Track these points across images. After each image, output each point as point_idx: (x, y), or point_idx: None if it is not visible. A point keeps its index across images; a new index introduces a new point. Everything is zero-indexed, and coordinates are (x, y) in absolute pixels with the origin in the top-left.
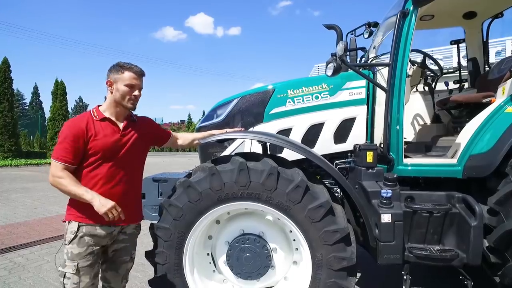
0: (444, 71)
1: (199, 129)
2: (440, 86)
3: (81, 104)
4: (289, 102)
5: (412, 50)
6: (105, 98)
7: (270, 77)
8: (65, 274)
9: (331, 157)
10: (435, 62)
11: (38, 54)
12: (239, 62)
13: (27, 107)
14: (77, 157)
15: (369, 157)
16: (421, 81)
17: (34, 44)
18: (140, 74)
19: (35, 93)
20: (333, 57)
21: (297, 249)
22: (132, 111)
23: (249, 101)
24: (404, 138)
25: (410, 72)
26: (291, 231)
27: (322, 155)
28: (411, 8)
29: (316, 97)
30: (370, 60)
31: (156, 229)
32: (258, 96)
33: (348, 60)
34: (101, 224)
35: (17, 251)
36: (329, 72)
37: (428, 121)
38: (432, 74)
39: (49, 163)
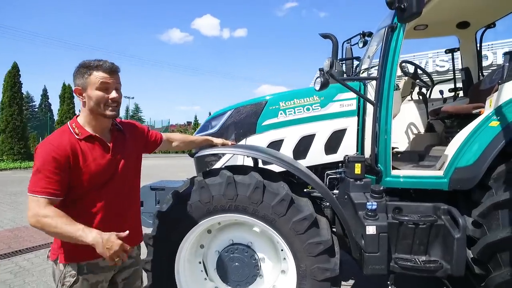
0: (438, 80)
1: None
2: (435, 94)
3: None
4: (281, 114)
5: (404, 62)
6: (79, 111)
7: (276, 79)
8: None
9: (323, 167)
10: (426, 73)
11: (47, 58)
12: (245, 63)
13: (36, 109)
14: (63, 187)
15: (357, 168)
16: (412, 92)
17: (43, 48)
18: (111, 70)
19: (44, 95)
20: (320, 72)
21: (284, 258)
22: (114, 119)
23: (243, 113)
24: (396, 148)
25: (401, 84)
26: (278, 242)
27: (313, 166)
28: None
29: (308, 109)
30: (362, 70)
31: (149, 238)
32: (251, 108)
33: (344, 69)
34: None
35: (22, 255)
36: (317, 87)
37: (422, 130)
38: (423, 85)
39: None
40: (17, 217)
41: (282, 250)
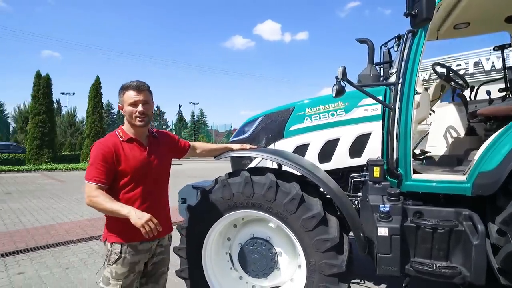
0: (488, 79)
1: (232, 143)
2: (482, 95)
3: (158, 112)
4: (307, 119)
5: (436, 64)
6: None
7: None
8: None
9: (349, 170)
10: (460, 76)
11: (123, 70)
12: (306, 66)
13: (115, 116)
14: (109, 177)
15: (376, 172)
16: (441, 95)
17: (119, 61)
18: (139, 88)
19: None
20: (336, 80)
21: (299, 254)
22: (148, 127)
23: (272, 119)
24: (429, 152)
25: (432, 87)
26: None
27: (338, 169)
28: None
29: (332, 114)
30: (391, 74)
31: (181, 228)
32: (279, 114)
33: (381, 73)
34: (141, 241)
35: (95, 240)
36: (333, 94)
37: (462, 134)
38: (458, 87)
39: None
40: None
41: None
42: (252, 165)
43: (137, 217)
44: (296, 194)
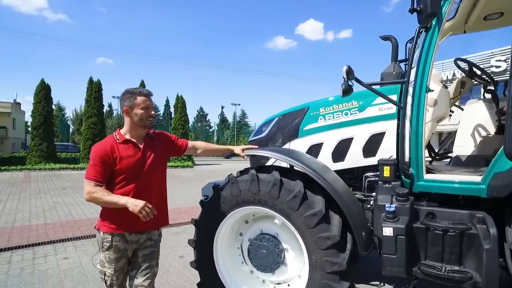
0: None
1: (250, 142)
2: None
3: (201, 113)
4: (321, 119)
5: (458, 59)
6: (124, 124)
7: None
8: (105, 273)
9: (364, 169)
10: (483, 71)
11: (167, 74)
12: (350, 64)
13: (161, 117)
14: (105, 176)
15: (386, 171)
16: (462, 92)
17: (163, 66)
18: (149, 95)
19: (167, 105)
20: (344, 79)
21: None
22: (149, 129)
23: (287, 119)
24: (450, 152)
25: (452, 85)
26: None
27: (352, 168)
28: (434, 22)
29: (346, 114)
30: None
31: (195, 222)
32: (294, 114)
33: (404, 70)
34: (130, 232)
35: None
36: (341, 93)
37: (492, 132)
38: (483, 82)
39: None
40: None
41: None
42: (269, 163)
43: (134, 204)
44: (299, 191)
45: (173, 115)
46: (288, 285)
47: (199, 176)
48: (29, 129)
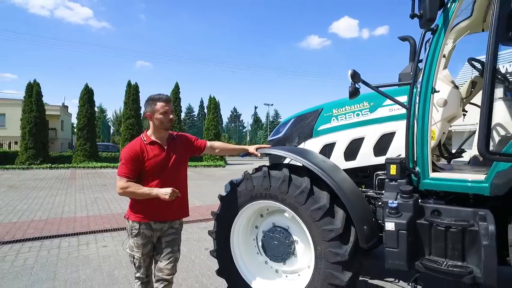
0: None
1: (269, 142)
2: None
3: (235, 114)
4: (334, 119)
5: (471, 59)
6: (148, 127)
7: None
8: (134, 256)
9: (375, 168)
10: (498, 72)
11: (202, 76)
12: (387, 62)
13: (196, 118)
14: (135, 174)
15: (393, 169)
16: (473, 92)
17: (196, 69)
18: (168, 100)
19: (201, 106)
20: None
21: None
22: (169, 132)
23: (303, 120)
24: (465, 151)
25: (464, 86)
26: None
27: (364, 167)
28: (440, 24)
29: (357, 114)
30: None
31: (214, 214)
32: (309, 115)
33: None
34: (155, 221)
35: None
36: (348, 95)
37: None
38: (498, 82)
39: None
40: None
41: None
42: (286, 160)
43: (163, 193)
44: (306, 187)
45: (206, 116)
46: (299, 275)
47: (230, 175)
48: (75, 130)
